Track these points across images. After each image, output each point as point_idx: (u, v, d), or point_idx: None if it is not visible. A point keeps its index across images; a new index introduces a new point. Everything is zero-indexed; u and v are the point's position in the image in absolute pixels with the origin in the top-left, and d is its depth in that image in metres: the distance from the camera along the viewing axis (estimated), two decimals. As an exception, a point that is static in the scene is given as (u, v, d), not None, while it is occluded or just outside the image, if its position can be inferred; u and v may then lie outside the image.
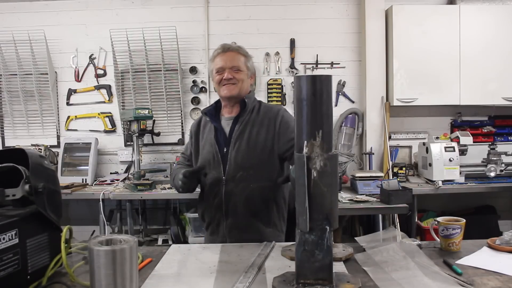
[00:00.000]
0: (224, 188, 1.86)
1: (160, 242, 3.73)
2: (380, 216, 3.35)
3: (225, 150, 1.89)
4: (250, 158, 1.85)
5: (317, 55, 4.03)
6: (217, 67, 1.91)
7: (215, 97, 3.96)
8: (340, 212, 1.69)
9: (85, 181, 3.70)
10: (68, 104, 4.07)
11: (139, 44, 3.87)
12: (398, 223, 3.45)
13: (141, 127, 3.57)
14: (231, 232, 1.87)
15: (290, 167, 1.74)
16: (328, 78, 1.14)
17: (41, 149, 3.73)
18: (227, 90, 1.89)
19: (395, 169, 3.66)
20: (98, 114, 4.07)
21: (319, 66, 4.04)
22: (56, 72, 4.05)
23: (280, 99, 4.00)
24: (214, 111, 1.99)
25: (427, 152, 3.53)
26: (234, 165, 1.85)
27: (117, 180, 3.77)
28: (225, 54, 1.91)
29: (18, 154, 1.28)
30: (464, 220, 1.46)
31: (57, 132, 4.08)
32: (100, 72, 4.06)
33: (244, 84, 1.92)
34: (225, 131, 1.93)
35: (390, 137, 3.93)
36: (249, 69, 1.95)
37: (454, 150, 3.43)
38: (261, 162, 1.86)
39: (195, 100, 4.06)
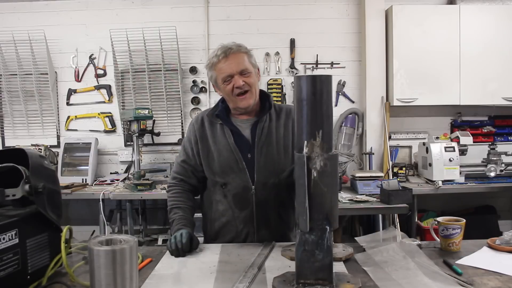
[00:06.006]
0: (254, 197, 1.70)
1: (160, 242, 3.73)
2: (380, 216, 3.35)
3: (249, 156, 1.71)
4: (281, 162, 1.72)
5: (317, 55, 4.03)
6: (223, 76, 1.68)
7: (215, 97, 3.96)
8: (340, 212, 1.68)
9: (85, 181, 3.69)
10: (68, 104, 4.07)
11: (139, 44, 3.87)
12: (398, 223, 3.45)
13: (141, 127, 3.57)
14: None
15: None
16: (328, 78, 1.14)
17: (41, 149, 3.73)
18: (245, 101, 1.69)
19: (395, 169, 3.66)
20: (98, 114, 4.07)
21: (319, 66, 4.04)
22: (56, 72, 4.05)
23: (280, 99, 3.99)
24: (225, 112, 1.78)
25: (427, 152, 3.53)
26: (265, 171, 1.70)
27: (117, 180, 3.77)
28: (229, 58, 1.67)
29: (18, 154, 1.28)
30: (464, 220, 1.46)
31: (57, 132, 4.08)
32: (100, 72, 4.06)
33: (256, 86, 1.73)
34: (244, 134, 1.74)
35: (390, 137, 3.92)
36: (254, 67, 1.73)
37: (454, 150, 3.43)
38: (290, 164, 1.69)
39: (195, 100, 4.06)
